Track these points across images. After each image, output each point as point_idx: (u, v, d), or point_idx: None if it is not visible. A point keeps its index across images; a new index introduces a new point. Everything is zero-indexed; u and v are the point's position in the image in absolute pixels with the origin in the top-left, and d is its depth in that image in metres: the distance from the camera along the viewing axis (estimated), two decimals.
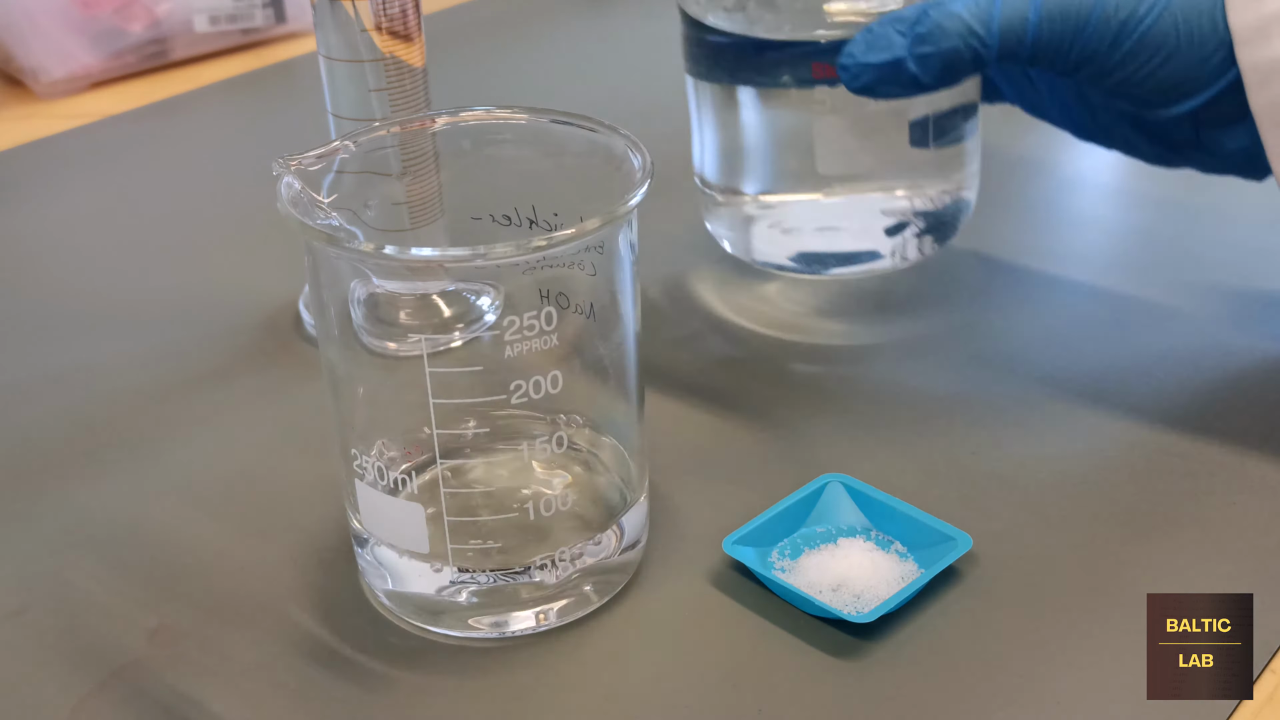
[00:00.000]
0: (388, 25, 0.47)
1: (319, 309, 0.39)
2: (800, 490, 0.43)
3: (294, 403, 0.51)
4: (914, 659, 0.38)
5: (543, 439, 0.39)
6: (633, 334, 0.39)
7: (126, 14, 0.81)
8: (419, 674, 0.39)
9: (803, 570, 0.41)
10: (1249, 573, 0.41)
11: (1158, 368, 0.51)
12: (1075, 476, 0.46)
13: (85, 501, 0.46)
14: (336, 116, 0.49)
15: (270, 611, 0.41)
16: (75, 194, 0.69)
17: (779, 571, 0.41)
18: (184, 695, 0.38)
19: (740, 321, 0.55)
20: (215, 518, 0.45)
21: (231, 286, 0.59)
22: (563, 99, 0.73)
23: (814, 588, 0.40)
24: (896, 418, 0.48)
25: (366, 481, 0.39)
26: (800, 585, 0.40)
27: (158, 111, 0.79)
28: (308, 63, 0.83)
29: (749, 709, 0.37)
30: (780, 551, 0.42)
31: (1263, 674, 0.38)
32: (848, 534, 0.43)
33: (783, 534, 0.42)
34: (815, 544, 0.42)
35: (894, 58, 0.44)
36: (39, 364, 0.54)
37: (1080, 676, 0.38)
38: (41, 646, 0.40)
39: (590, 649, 0.39)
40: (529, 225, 0.39)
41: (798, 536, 0.43)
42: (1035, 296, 0.55)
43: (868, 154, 0.52)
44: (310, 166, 0.38)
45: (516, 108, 0.41)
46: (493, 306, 0.46)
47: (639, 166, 0.37)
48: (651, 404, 0.47)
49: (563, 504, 0.38)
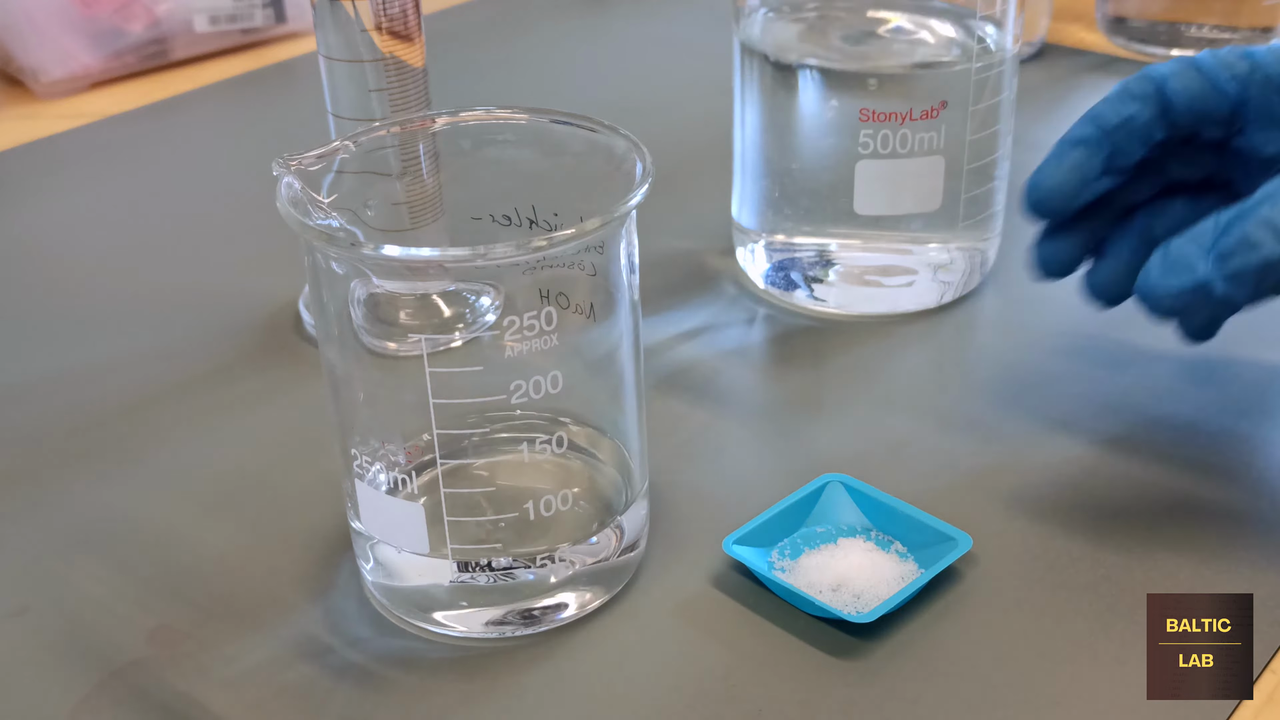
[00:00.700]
0: (388, 25, 0.47)
1: (319, 309, 0.39)
2: (800, 490, 0.43)
3: (294, 403, 0.51)
4: (914, 659, 0.38)
5: (543, 439, 0.39)
6: (633, 334, 0.39)
7: (126, 14, 0.81)
8: (419, 674, 0.39)
9: (803, 570, 0.41)
10: (1249, 573, 0.41)
11: (1158, 367, 0.51)
12: (1075, 476, 0.46)
13: (85, 501, 0.46)
14: (336, 116, 0.49)
15: (270, 612, 0.41)
16: (75, 194, 0.69)
17: (779, 571, 0.41)
18: (184, 695, 0.38)
19: (741, 321, 0.55)
20: (215, 518, 0.45)
21: (231, 286, 0.59)
22: (563, 99, 0.73)
23: (814, 588, 0.40)
24: (897, 417, 0.48)
25: (366, 481, 0.39)
26: (800, 585, 0.40)
27: (158, 111, 0.78)
28: (308, 63, 0.83)
29: (749, 709, 0.37)
30: (780, 551, 0.42)
31: (1263, 674, 0.38)
32: (848, 534, 0.43)
33: (783, 534, 0.42)
34: (815, 544, 0.42)
35: (1195, 281, 0.39)
36: (39, 364, 0.54)
37: (1080, 676, 0.38)
38: (41, 646, 0.40)
39: (590, 649, 0.39)
40: (529, 225, 0.39)
41: (797, 536, 0.43)
42: (1036, 295, 0.55)
43: (906, 198, 0.52)
44: (310, 166, 0.38)
45: (516, 108, 0.41)
46: (493, 306, 0.46)
47: (639, 167, 0.37)
48: (651, 404, 0.47)
49: (563, 504, 0.38)
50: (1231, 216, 0.39)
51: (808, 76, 0.52)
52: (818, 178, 0.53)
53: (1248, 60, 0.43)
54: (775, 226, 0.56)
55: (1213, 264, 0.38)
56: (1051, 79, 0.78)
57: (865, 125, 0.51)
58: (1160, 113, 0.43)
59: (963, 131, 0.52)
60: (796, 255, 0.56)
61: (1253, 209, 0.39)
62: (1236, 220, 0.39)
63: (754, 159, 0.55)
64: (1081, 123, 0.44)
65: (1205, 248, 0.39)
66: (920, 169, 0.51)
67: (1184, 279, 0.39)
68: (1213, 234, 0.39)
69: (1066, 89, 0.78)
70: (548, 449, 0.39)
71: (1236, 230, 0.38)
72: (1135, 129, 0.43)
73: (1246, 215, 0.39)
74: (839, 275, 0.55)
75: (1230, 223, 0.39)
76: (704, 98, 0.71)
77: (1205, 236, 0.39)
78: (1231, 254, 0.38)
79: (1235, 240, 0.38)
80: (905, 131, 0.51)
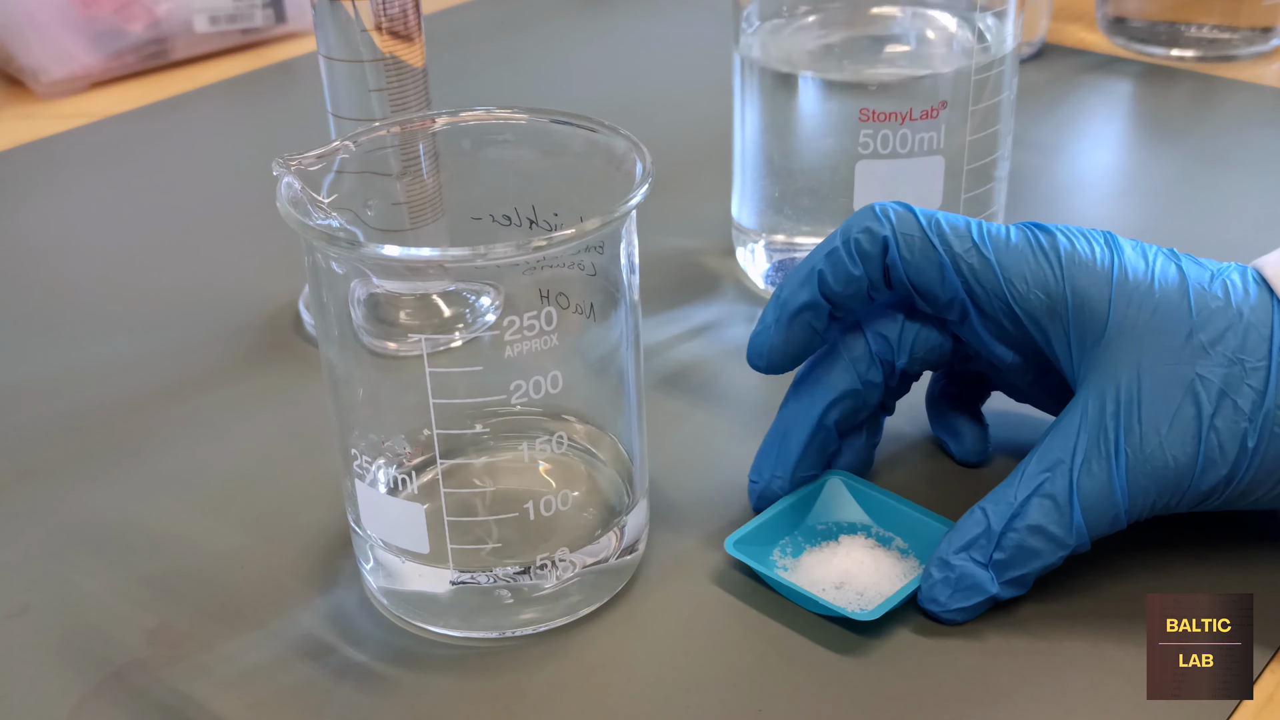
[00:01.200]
0: (388, 25, 0.47)
1: (319, 309, 0.39)
2: (801, 489, 0.43)
3: (294, 403, 0.51)
4: (915, 658, 0.38)
5: (543, 439, 0.39)
6: (632, 334, 0.39)
7: (126, 14, 0.81)
8: (419, 674, 0.39)
9: (805, 568, 0.41)
10: (1249, 573, 0.41)
11: None
12: None
13: (85, 501, 0.46)
14: (336, 116, 0.49)
15: (270, 611, 0.41)
16: (75, 194, 0.69)
17: (781, 570, 0.41)
18: (184, 695, 0.38)
19: (741, 321, 0.55)
20: (215, 518, 0.45)
21: (231, 286, 0.59)
22: (563, 99, 0.73)
23: (816, 586, 0.40)
24: (897, 417, 0.48)
25: (366, 481, 0.39)
26: (803, 584, 0.40)
27: (158, 111, 0.78)
28: (308, 63, 0.83)
29: (749, 709, 0.37)
30: (782, 550, 0.42)
31: (1263, 674, 0.38)
32: (849, 531, 0.43)
33: (784, 532, 0.42)
34: (816, 541, 0.42)
35: (986, 596, 0.39)
36: (39, 364, 0.54)
37: (1080, 676, 0.38)
38: (42, 646, 0.40)
39: (590, 649, 0.39)
40: (529, 225, 0.39)
41: (798, 534, 0.43)
42: None
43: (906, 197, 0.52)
44: (310, 166, 0.38)
45: (516, 108, 0.41)
46: (493, 306, 0.46)
47: (639, 167, 0.37)
48: (651, 404, 0.47)
49: (563, 504, 0.38)
50: (1001, 524, 0.39)
51: (807, 78, 0.52)
52: (818, 178, 0.53)
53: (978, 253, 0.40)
54: (775, 226, 0.56)
55: (994, 575, 0.39)
56: (1051, 79, 0.78)
57: (865, 125, 0.51)
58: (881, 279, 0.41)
59: (963, 131, 0.52)
60: (796, 255, 0.56)
61: (1021, 511, 0.39)
62: (1008, 530, 0.39)
63: (754, 159, 0.55)
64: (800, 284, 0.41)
65: (983, 561, 0.39)
66: (920, 169, 0.51)
67: (974, 597, 0.39)
68: (987, 545, 0.39)
69: (1066, 89, 0.78)
70: (548, 449, 0.39)
71: (1011, 541, 0.39)
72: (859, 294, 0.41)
73: (1016, 521, 0.39)
74: None
75: (1002, 533, 0.39)
76: (704, 97, 0.71)
77: (982, 548, 0.39)
78: (1010, 565, 0.39)
79: (1011, 550, 0.39)
80: (905, 131, 0.51)
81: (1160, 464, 0.38)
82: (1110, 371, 0.39)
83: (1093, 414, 0.39)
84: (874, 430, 0.45)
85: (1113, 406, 0.38)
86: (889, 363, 0.42)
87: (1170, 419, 0.38)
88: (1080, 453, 0.39)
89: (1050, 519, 0.39)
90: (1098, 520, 0.39)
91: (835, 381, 0.42)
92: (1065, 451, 0.39)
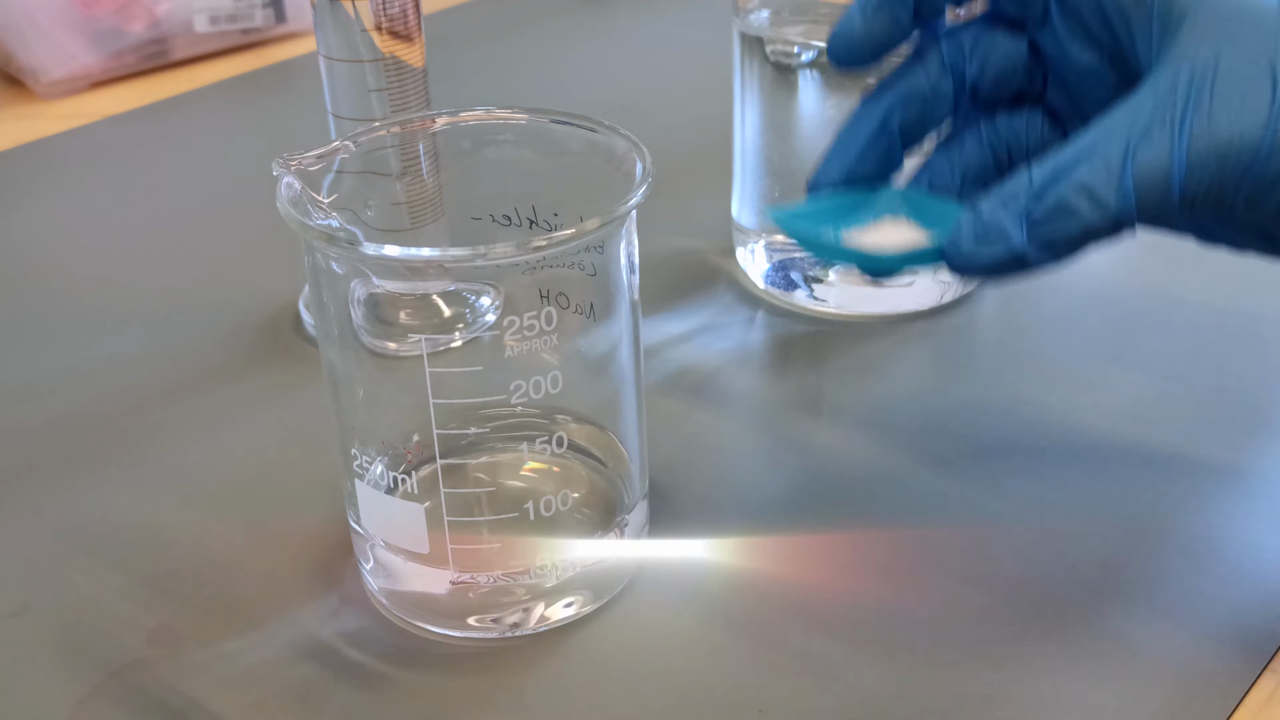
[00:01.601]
0: (388, 25, 0.47)
1: (319, 309, 0.39)
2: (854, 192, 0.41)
3: (294, 403, 0.51)
4: (914, 658, 0.38)
5: (543, 439, 0.39)
6: (632, 334, 0.39)
7: (126, 14, 0.81)
8: (419, 674, 0.39)
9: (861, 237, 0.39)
10: (1248, 574, 0.41)
11: (1160, 364, 0.51)
12: (1074, 476, 0.46)
13: (85, 501, 0.46)
14: (336, 116, 0.49)
15: (270, 612, 0.41)
16: (75, 194, 0.69)
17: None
18: (184, 695, 0.38)
19: (741, 321, 0.55)
20: (215, 518, 0.45)
21: (231, 286, 0.59)
22: (563, 99, 0.73)
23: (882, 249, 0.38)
24: (897, 417, 0.48)
25: (366, 481, 0.39)
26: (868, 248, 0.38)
27: (158, 111, 0.79)
28: (308, 63, 0.84)
29: (749, 709, 0.37)
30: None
31: (1263, 674, 0.38)
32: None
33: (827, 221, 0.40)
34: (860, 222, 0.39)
35: (1010, 251, 0.36)
36: (39, 364, 0.54)
37: (1081, 677, 0.38)
38: (41, 646, 0.40)
39: (590, 649, 0.39)
40: (529, 225, 0.39)
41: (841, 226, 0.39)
42: (1035, 295, 0.55)
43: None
44: (310, 166, 0.38)
45: (516, 108, 0.41)
46: (493, 306, 0.47)
47: (639, 167, 0.38)
48: (651, 404, 0.47)
49: (563, 504, 0.38)
50: (1046, 178, 0.36)
51: (807, 76, 0.52)
52: None
53: None
54: (775, 226, 0.56)
55: (1026, 232, 0.36)
56: None
57: None
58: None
59: None
60: (796, 255, 0.56)
61: (1068, 169, 0.36)
62: (1051, 184, 0.36)
63: (754, 159, 0.55)
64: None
65: (1018, 214, 0.36)
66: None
67: (997, 249, 0.36)
68: (1026, 196, 0.36)
69: None
70: (547, 449, 0.39)
71: (1051, 196, 0.36)
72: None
73: (1061, 177, 0.36)
74: (839, 275, 0.55)
75: (1044, 186, 0.36)
76: (704, 98, 0.71)
77: (1018, 199, 0.36)
78: (1045, 222, 0.36)
79: (1050, 207, 0.36)
80: None
81: (1226, 140, 0.35)
82: (1190, 49, 0.36)
83: (1164, 86, 0.36)
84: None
85: (1186, 78, 0.36)
86: (960, 71, 0.41)
87: (1244, 97, 0.35)
88: (1143, 119, 0.36)
89: (1098, 179, 0.35)
90: (1149, 191, 0.35)
91: (903, 84, 0.41)
92: (1126, 117, 0.36)
